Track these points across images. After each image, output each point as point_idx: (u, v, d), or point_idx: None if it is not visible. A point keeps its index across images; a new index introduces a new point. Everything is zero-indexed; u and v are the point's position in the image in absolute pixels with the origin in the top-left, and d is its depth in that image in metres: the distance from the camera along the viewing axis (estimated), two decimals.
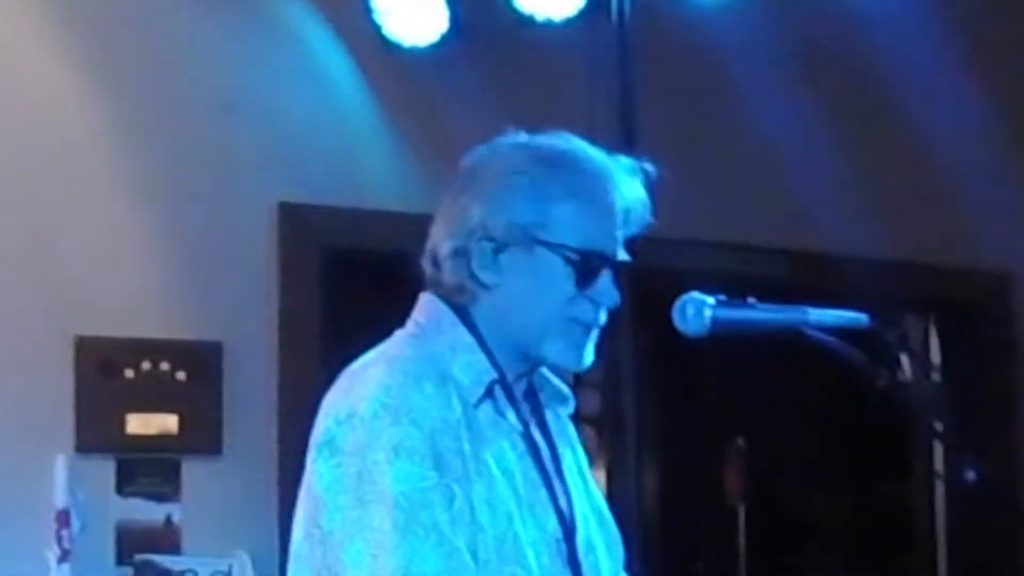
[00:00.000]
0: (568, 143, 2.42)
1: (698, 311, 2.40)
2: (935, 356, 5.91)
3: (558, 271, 2.35)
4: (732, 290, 2.44)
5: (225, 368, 4.43)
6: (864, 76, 5.39)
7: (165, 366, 4.37)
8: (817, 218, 5.26)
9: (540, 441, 2.40)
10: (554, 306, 2.36)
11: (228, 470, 4.41)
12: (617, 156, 2.44)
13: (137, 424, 4.33)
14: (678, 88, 4.99)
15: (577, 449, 2.53)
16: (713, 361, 5.47)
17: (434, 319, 2.38)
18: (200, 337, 4.42)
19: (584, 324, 2.38)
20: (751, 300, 2.44)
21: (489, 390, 2.34)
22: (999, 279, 5.86)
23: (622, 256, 2.40)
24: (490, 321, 2.36)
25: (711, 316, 2.40)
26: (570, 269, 2.35)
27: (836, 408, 5.54)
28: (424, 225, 2.42)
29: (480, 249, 2.35)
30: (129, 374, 4.33)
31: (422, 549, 2.19)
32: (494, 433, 2.32)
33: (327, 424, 2.30)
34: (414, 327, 2.40)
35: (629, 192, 2.40)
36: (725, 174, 5.21)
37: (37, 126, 4.30)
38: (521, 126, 2.45)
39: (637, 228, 2.42)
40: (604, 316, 2.40)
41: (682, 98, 5.01)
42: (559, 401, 2.49)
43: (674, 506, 5.58)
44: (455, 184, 2.41)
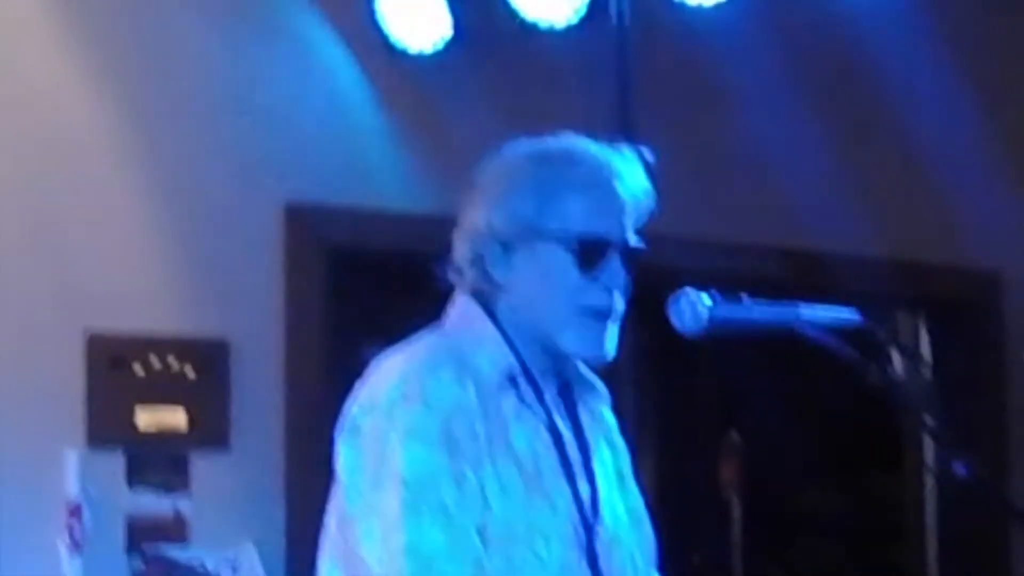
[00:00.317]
0: (568, 140, 2.46)
1: (694, 310, 2.41)
2: (925, 353, 5.90)
3: (560, 260, 2.38)
4: (725, 288, 2.46)
5: (233, 364, 4.45)
6: (857, 77, 5.40)
7: (174, 362, 4.37)
8: (810, 217, 5.26)
9: (565, 432, 2.42)
10: (563, 295, 2.38)
11: (235, 464, 4.41)
12: (618, 147, 2.47)
13: (146, 419, 4.34)
14: (676, 92, 4.99)
15: (618, 448, 2.55)
16: (708, 356, 5.40)
17: (464, 315, 2.43)
18: (208, 334, 4.44)
19: (597, 311, 2.39)
20: (744, 297, 2.45)
21: (513, 380, 2.37)
22: (989, 278, 5.85)
23: (633, 241, 2.42)
24: (510, 319, 2.41)
25: (708, 315, 2.41)
26: (571, 256, 2.38)
27: (829, 403, 5.55)
28: (428, 226, 2.47)
29: (491, 251, 2.40)
30: (139, 370, 4.34)
31: (429, 529, 2.23)
32: (516, 421, 2.36)
33: (352, 412, 2.36)
34: (445, 322, 2.45)
35: (631, 180, 2.43)
36: (720, 175, 5.23)
37: (49, 126, 4.32)
38: (522, 129, 2.50)
39: (644, 215, 2.44)
40: (619, 302, 2.41)
41: (679, 102, 5.02)
42: (590, 392, 2.51)
43: (670, 499, 5.56)
44: (466, 197, 2.45)
